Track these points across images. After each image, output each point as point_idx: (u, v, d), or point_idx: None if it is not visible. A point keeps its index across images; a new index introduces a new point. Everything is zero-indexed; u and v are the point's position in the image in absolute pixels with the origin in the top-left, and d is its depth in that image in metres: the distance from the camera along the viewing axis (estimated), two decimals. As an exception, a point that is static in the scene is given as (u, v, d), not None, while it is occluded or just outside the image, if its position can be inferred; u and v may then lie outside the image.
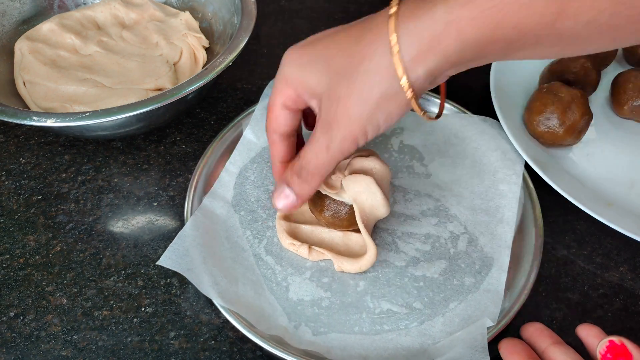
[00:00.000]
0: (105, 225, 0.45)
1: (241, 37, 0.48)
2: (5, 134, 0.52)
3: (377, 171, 0.40)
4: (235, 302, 0.38)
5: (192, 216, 0.42)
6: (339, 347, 0.37)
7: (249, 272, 0.40)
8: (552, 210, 0.46)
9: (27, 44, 0.52)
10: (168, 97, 0.43)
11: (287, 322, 0.38)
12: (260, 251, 0.42)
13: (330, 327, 0.38)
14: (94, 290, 0.41)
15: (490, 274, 0.41)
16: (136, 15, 0.57)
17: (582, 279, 0.43)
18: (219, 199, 0.44)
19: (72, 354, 0.38)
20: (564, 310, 0.41)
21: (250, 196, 0.45)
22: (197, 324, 0.40)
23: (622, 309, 0.42)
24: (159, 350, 0.38)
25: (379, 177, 0.39)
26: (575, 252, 0.45)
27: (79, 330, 0.39)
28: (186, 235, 0.40)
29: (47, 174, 0.49)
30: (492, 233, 0.43)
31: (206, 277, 0.38)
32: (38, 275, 0.42)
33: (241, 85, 0.57)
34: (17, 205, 0.46)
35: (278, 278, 0.40)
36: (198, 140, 0.52)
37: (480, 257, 0.42)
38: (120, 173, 0.49)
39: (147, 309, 0.40)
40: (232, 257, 0.41)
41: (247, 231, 0.43)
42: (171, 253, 0.39)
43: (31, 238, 0.44)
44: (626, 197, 0.47)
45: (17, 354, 0.38)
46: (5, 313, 0.40)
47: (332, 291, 0.40)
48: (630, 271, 0.44)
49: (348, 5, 0.69)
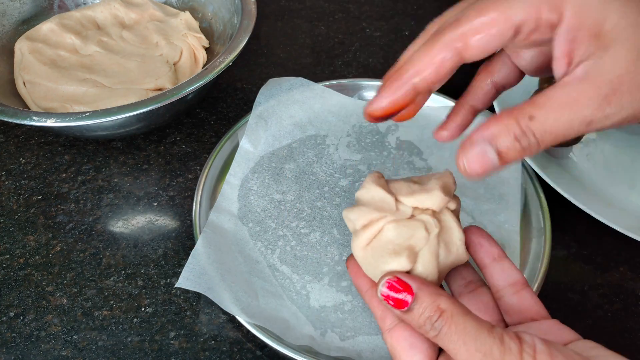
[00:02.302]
0: (105, 225, 0.45)
1: (241, 37, 0.48)
2: (5, 134, 0.52)
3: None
4: (258, 316, 0.37)
5: (202, 233, 0.41)
6: (368, 349, 0.37)
7: (267, 284, 0.40)
8: (552, 210, 0.46)
9: (27, 44, 0.52)
10: (168, 97, 0.43)
11: (312, 330, 0.38)
12: (275, 262, 0.41)
13: (356, 331, 0.38)
14: (94, 290, 0.41)
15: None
16: (136, 15, 0.57)
17: (582, 279, 0.43)
18: (225, 213, 0.43)
19: (72, 354, 0.38)
20: (564, 310, 0.41)
21: (256, 207, 0.45)
22: (197, 324, 0.40)
23: (622, 309, 0.42)
24: (159, 350, 0.38)
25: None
26: (575, 252, 0.45)
27: (79, 330, 0.39)
28: (199, 254, 0.39)
29: (47, 174, 0.49)
30: (499, 220, 0.44)
31: (227, 294, 0.37)
32: (38, 275, 0.42)
33: (241, 85, 0.57)
34: (17, 205, 0.46)
35: (297, 287, 0.40)
36: (198, 140, 0.52)
37: None
38: (120, 173, 0.49)
39: (147, 309, 0.40)
40: (247, 270, 0.40)
41: (258, 243, 0.42)
42: (188, 273, 0.38)
43: (31, 238, 0.44)
44: (626, 197, 0.47)
45: (17, 354, 0.38)
46: (5, 313, 0.40)
47: (352, 294, 0.40)
48: (630, 271, 0.44)
49: (348, 5, 0.69)
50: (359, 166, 0.48)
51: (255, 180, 0.46)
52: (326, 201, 0.45)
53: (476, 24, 0.24)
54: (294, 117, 0.50)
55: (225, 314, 0.40)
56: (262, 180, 0.46)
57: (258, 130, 0.49)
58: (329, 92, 0.52)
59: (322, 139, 0.50)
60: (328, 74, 0.59)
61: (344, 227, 0.44)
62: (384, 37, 0.65)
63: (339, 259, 0.42)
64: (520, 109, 0.24)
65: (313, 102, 0.51)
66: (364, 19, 0.67)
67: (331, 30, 0.65)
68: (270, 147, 0.49)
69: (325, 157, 0.48)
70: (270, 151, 0.48)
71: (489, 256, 0.31)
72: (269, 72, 0.59)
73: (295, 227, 0.44)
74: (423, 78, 0.25)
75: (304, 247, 0.42)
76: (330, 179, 0.47)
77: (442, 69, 0.25)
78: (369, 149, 0.49)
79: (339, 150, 0.49)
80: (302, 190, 0.46)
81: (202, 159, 0.50)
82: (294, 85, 0.52)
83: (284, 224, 0.44)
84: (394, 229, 0.29)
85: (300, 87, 0.52)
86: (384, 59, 0.62)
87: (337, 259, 0.42)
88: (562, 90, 0.23)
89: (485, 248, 0.31)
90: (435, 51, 0.24)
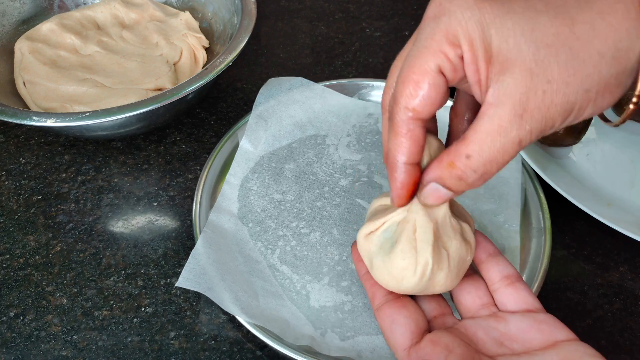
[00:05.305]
0: (105, 225, 0.45)
1: (241, 37, 0.48)
2: (5, 134, 0.52)
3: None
4: (259, 316, 0.37)
5: (202, 233, 0.41)
6: (368, 349, 0.37)
7: (267, 284, 0.40)
8: (552, 210, 0.46)
9: (27, 44, 0.52)
10: (168, 97, 0.43)
11: (312, 330, 0.38)
12: (275, 262, 0.41)
13: (356, 331, 0.38)
14: (94, 290, 0.41)
15: None
16: (136, 15, 0.57)
17: (582, 279, 0.43)
18: (225, 213, 0.43)
19: (72, 354, 0.38)
20: (564, 310, 0.41)
21: (256, 207, 0.45)
22: (197, 324, 0.40)
23: (622, 309, 0.42)
24: (159, 350, 0.38)
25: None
26: (575, 252, 0.45)
27: (79, 330, 0.39)
28: (199, 254, 0.39)
29: (47, 174, 0.49)
30: (499, 220, 0.44)
31: (227, 294, 0.37)
32: (38, 275, 0.42)
33: (241, 85, 0.57)
34: (17, 205, 0.46)
35: (297, 287, 0.40)
36: (198, 140, 0.52)
37: None
38: (120, 173, 0.49)
39: (147, 309, 0.40)
40: (247, 270, 0.40)
41: (258, 243, 0.42)
42: (188, 273, 0.38)
43: (31, 238, 0.44)
44: (626, 197, 0.47)
45: (17, 354, 0.38)
46: (5, 313, 0.40)
47: (352, 294, 0.40)
48: (630, 271, 0.44)
49: (348, 5, 0.69)
50: (359, 166, 0.48)
51: (255, 180, 0.46)
52: (326, 201, 0.45)
53: (408, 92, 0.25)
54: (294, 117, 0.50)
55: (225, 314, 0.40)
56: (262, 180, 0.46)
57: (258, 130, 0.49)
58: (329, 92, 0.52)
59: (322, 139, 0.50)
60: (328, 74, 0.59)
61: (344, 227, 0.44)
62: (384, 37, 0.65)
63: (339, 259, 0.42)
64: (456, 150, 0.26)
65: (313, 102, 0.51)
66: (364, 19, 0.67)
67: (331, 30, 0.65)
68: (270, 147, 0.49)
69: (325, 157, 0.48)
70: (270, 151, 0.48)
71: (485, 252, 0.32)
72: (269, 72, 0.59)
73: (295, 227, 0.44)
74: (409, 153, 0.27)
75: (304, 247, 0.42)
76: (330, 179, 0.47)
77: (415, 136, 0.27)
78: (369, 149, 0.49)
79: (339, 150, 0.49)
80: (302, 190, 0.46)
81: (202, 159, 0.50)
82: (294, 85, 0.52)
83: (284, 224, 0.44)
84: (392, 225, 0.32)
85: (300, 87, 0.52)
86: (384, 59, 0.62)
87: (337, 259, 0.42)
88: (485, 120, 0.25)
89: (482, 245, 0.33)
90: (399, 129, 0.26)
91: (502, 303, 0.31)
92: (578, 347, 0.27)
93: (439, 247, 0.30)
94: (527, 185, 0.46)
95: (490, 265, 0.32)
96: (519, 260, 0.41)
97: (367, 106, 0.52)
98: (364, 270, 0.34)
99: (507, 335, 0.29)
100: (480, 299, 0.32)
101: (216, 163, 0.46)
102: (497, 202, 0.45)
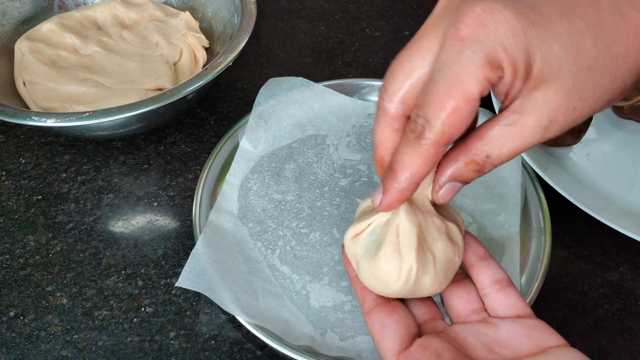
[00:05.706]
0: (105, 225, 0.45)
1: (241, 37, 0.48)
2: (5, 134, 0.52)
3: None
4: (259, 316, 0.37)
5: (202, 233, 0.41)
6: (368, 349, 0.37)
7: (267, 284, 0.40)
8: (552, 210, 0.46)
9: (27, 44, 0.52)
10: (168, 97, 0.43)
11: (312, 330, 0.38)
12: (275, 262, 0.41)
13: (356, 331, 0.38)
14: (94, 290, 0.41)
15: (502, 261, 0.41)
16: (136, 15, 0.57)
17: (582, 279, 0.43)
18: (225, 213, 0.43)
19: (72, 354, 0.38)
20: (564, 310, 0.41)
21: (256, 207, 0.45)
22: (197, 324, 0.40)
23: (622, 309, 0.42)
24: (159, 350, 0.38)
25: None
26: (575, 252, 0.45)
27: (79, 330, 0.39)
28: (199, 254, 0.39)
29: (47, 174, 0.49)
30: (499, 220, 0.44)
31: (227, 294, 0.38)
32: (38, 275, 0.42)
33: (241, 85, 0.57)
34: (17, 205, 0.46)
35: (297, 287, 0.40)
36: (198, 140, 0.52)
37: (490, 245, 0.42)
38: (120, 173, 0.49)
39: (147, 309, 0.40)
40: (247, 270, 0.40)
41: (258, 243, 0.42)
42: (188, 273, 0.38)
43: (31, 238, 0.44)
44: (626, 197, 0.47)
45: (17, 354, 0.38)
46: (5, 313, 0.40)
47: (352, 294, 0.40)
48: (630, 271, 0.44)
49: (348, 5, 0.69)
50: (359, 166, 0.48)
51: (255, 180, 0.46)
52: (326, 201, 0.45)
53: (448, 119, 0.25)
54: (294, 117, 0.50)
55: (225, 314, 0.40)
56: (262, 180, 0.46)
57: (258, 130, 0.49)
58: (329, 92, 0.52)
59: (322, 139, 0.50)
60: (328, 74, 0.59)
61: (344, 227, 0.44)
62: (384, 37, 0.65)
63: (339, 259, 0.42)
64: (475, 148, 0.26)
65: (313, 102, 0.51)
66: (364, 19, 0.67)
67: (331, 30, 0.65)
68: (270, 147, 0.49)
69: (325, 157, 0.48)
70: (270, 151, 0.48)
71: (476, 255, 0.32)
72: (269, 72, 0.59)
73: (295, 227, 0.44)
74: (423, 174, 0.27)
75: (304, 247, 0.42)
76: (330, 179, 0.47)
77: (438, 158, 0.27)
78: (369, 149, 0.49)
79: (339, 150, 0.49)
80: (302, 190, 0.46)
81: (202, 159, 0.50)
82: (294, 85, 0.52)
83: (284, 224, 0.44)
84: (377, 227, 0.31)
85: (300, 87, 0.52)
86: (384, 59, 0.62)
87: (337, 259, 0.42)
88: (507, 123, 0.25)
89: (473, 248, 0.32)
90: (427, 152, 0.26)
91: (493, 308, 0.31)
92: (567, 353, 0.27)
93: (423, 251, 0.30)
94: (527, 185, 0.46)
95: (481, 269, 0.32)
96: (519, 260, 0.41)
97: (367, 106, 0.52)
98: (354, 273, 0.33)
99: (497, 341, 0.29)
100: (471, 304, 0.31)
101: (216, 163, 0.46)
102: (497, 202, 0.45)
